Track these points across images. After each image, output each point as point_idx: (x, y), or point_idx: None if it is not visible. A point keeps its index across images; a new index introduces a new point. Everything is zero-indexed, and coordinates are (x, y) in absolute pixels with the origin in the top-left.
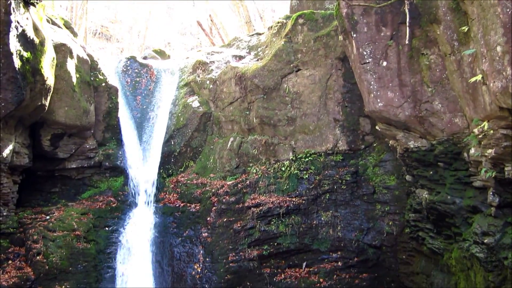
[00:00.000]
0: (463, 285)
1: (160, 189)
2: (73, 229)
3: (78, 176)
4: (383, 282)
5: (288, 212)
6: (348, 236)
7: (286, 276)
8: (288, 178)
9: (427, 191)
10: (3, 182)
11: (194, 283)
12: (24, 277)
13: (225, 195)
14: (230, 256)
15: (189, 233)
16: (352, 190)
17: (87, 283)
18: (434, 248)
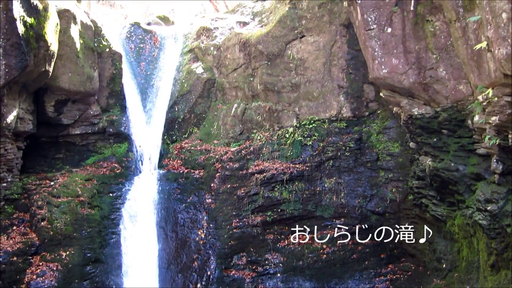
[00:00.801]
0: (465, 252)
1: (164, 155)
2: (77, 195)
3: (82, 142)
4: (386, 248)
5: (291, 179)
6: (351, 203)
7: (290, 242)
8: (292, 144)
9: (431, 158)
10: (7, 148)
11: (198, 249)
12: (29, 242)
13: (229, 162)
14: (233, 222)
15: (193, 199)
16: (356, 157)
17: (92, 248)
18: (437, 215)
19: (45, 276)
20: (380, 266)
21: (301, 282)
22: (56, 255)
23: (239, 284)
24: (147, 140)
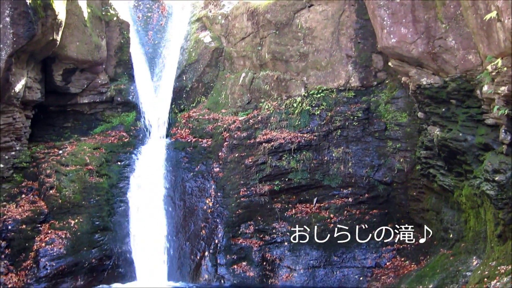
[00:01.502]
0: (473, 222)
1: (172, 124)
2: (86, 164)
3: (90, 111)
4: (393, 218)
5: (299, 148)
6: (359, 173)
7: (297, 211)
8: (299, 114)
9: (439, 128)
10: (16, 117)
11: (205, 217)
12: (38, 210)
13: (237, 131)
14: (241, 191)
15: (201, 168)
16: (364, 127)
17: (100, 216)
18: (444, 185)
19: (54, 244)
20: (387, 235)
21: (308, 250)
22: (64, 223)
23: (246, 252)
24: (155, 109)
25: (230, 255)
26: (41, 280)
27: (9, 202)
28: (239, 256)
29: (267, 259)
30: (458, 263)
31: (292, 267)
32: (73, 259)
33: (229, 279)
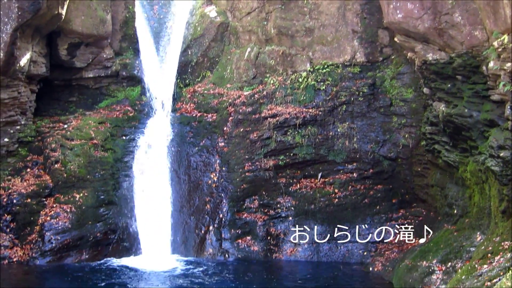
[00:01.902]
0: (477, 198)
1: (177, 99)
2: (91, 138)
3: (95, 85)
4: (398, 193)
5: (304, 123)
6: (364, 148)
7: (302, 186)
8: (305, 89)
9: (444, 104)
10: (21, 91)
11: (210, 192)
12: (43, 184)
13: (242, 105)
14: (246, 166)
15: (206, 142)
16: (369, 102)
17: (105, 191)
18: (449, 161)
19: (59, 218)
20: (391, 211)
21: (313, 225)
22: (69, 197)
23: (251, 226)
24: (160, 84)
25: (234, 229)
26: (46, 254)
27: (14, 176)
28: (243, 230)
29: (272, 233)
30: (462, 239)
31: (297, 241)
32: (78, 233)
33: (234, 254)
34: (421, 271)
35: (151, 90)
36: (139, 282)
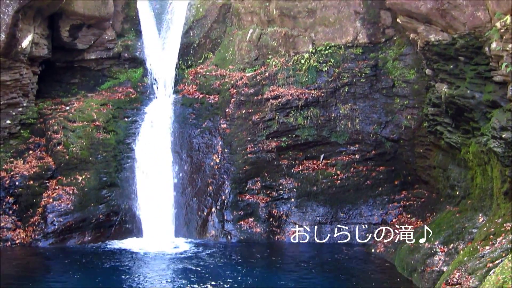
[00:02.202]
0: (479, 180)
1: (179, 81)
2: (93, 120)
3: (97, 67)
4: (400, 175)
5: (306, 105)
6: (366, 129)
7: (304, 167)
8: (307, 70)
9: (447, 85)
10: (23, 73)
11: (212, 174)
12: (45, 166)
13: (244, 87)
14: (248, 147)
15: (208, 124)
16: (371, 84)
17: (107, 172)
18: (451, 142)
19: (61, 200)
20: (394, 192)
21: (315, 207)
22: (72, 179)
23: (253, 208)
24: (162, 65)
25: (237, 211)
26: (49, 236)
27: (16, 158)
28: (246, 212)
29: (274, 215)
30: (464, 220)
31: (299, 223)
32: (81, 215)
33: (236, 235)
34: (423, 253)
35: (153, 71)
36: (142, 264)
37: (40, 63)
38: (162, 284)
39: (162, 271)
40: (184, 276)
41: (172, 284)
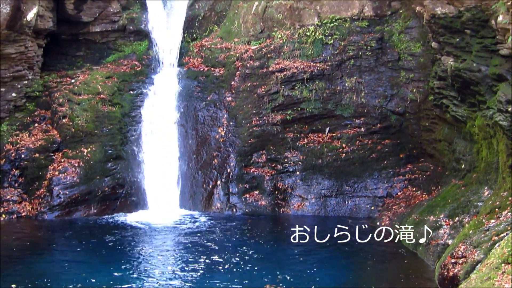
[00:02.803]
0: (485, 153)
1: (184, 53)
2: (98, 93)
3: (102, 40)
4: (405, 148)
5: (312, 78)
6: (371, 103)
7: (309, 140)
8: (312, 43)
9: (453, 59)
10: (28, 45)
11: (218, 147)
12: (51, 139)
13: (249, 60)
14: (253, 120)
15: (213, 97)
16: (377, 57)
17: (112, 145)
18: (457, 115)
19: (67, 173)
20: (399, 165)
21: (320, 180)
22: (77, 152)
23: (258, 181)
24: (167, 38)
25: (242, 184)
26: (55, 209)
27: (22, 131)
28: (251, 185)
29: (279, 188)
30: (469, 193)
31: (304, 196)
32: (86, 187)
33: (241, 208)
34: (428, 226)
35: (158, 44)
36: (147, 236)
37: (45, 36)
38: (167, 256)
39: (168, 243)
40: (189, 248)
41: (177, 256)
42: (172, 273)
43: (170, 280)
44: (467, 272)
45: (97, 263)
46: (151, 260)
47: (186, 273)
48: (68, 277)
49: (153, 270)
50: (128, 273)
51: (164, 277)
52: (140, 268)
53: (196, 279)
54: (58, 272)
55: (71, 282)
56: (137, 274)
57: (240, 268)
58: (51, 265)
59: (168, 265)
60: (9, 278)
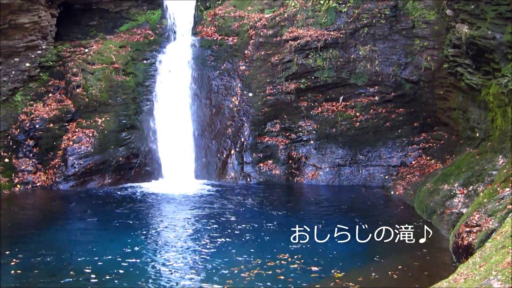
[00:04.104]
0: (499, 121)
1: (198, 22)
2: (112, 62)
3: (116, 9)
4: (419, 117)
5: (326, 46)
6: (385, 71)
7: (323, 109)
8: (326, 11)
9: (467, 26)
10: (41, 15)
11: (232, 116)
12: (65, 109)
13: (263, 28)
14: (267, 89)
15: (227, 66)
16: (391, 25)
17: (127, 115)
18: (472, 84)
19: (81, 142)
20: (413, 134)
21: (334, 149)
22: (91, 121)
23: (272, 150)
24: (181, 7)
25: (256, 153)
26: (69, 178)
27: (36, 101)
28: (265, 154)
29: (293, 157)
30: (484, 162)
31: (318, 165)
32: (101, 157)
33: (255, 177)
34: (442, 195)
35: (171, 13)
36: (161, 206)
37: (58, 5)
38: (181, 226)
39: (182, 213)
40: (204, 219)
41: (191, 226)
42: (186, 243)
43: (184, 251)
44: (482, 241)
45: (111, 233)
46: (166, 230)
47: (200, 245)
48: (82, 247)
49: (167, 240)
50: (142, 244)
51: (179, 248)
52: (155, 239)
53: (211, 250)
54: (72, 242)
55: (85, 252)
56: (151, 245)
57: (256, 239)
58: (65, 235)
59: (182, 235)
60: (23, 247)
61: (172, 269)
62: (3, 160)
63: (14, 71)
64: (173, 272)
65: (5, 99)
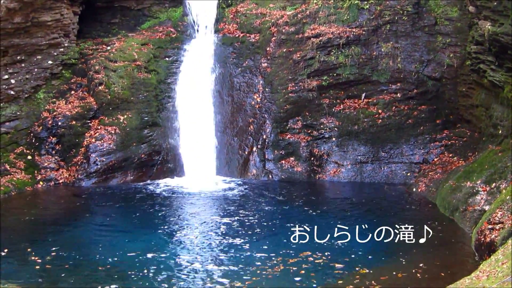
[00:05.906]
0: None
1: (220, 20)
2: (134, 60)
3: (138, 6)
4: (442, 114)
5: (348, 43)
6: (408, 68)
7: (345, 106)
8: (348, 8)
9: (490, 23)
10: (63, 13)
11: (253, 113)
12: (87, 106)
13: (285, 25)
14: (289, 86)
15: (249, 63)
16: (413, 21)
17: (148, 112)
18: (495, 80)
19: (104, 140)
20: (435, 131)
21: (356, 146)
22: (114, 119)
23: (294, 147)
24: (203, 4)
25: (278, 150)
26: (92, 175)
27: (58, 99)
28: (287, 151)
29: (315, 154)
30: (506, 159)
31: (340, 162)
32: (123, 154)
33: (277, 174)
34: (465, 192)
35: (193, 10)
36: (184, 203)
37: (80, 3)
38: (203, 223)
39: (204, 210)
40: (226, 216)
41: (213, 224)
42: (208, 241)
43: (206, 248)
44: (504, 238)
45: (133, 229)
46: (187, 227)
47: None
48: (104, 244)
49: (189, 237)
50: (164, 240)
51: (200, 245)
52: (176, 235)
53: (232, 247)
54: (95, 238)
55: (107, 249)
56: (173, 241)
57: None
58: (87, 231)
59: (204, 232)
60: (46, 243)
61: (194, 266)
62: (26, 157)
63: (37, 68)
64: (195, 269)
65: (27, 96)
